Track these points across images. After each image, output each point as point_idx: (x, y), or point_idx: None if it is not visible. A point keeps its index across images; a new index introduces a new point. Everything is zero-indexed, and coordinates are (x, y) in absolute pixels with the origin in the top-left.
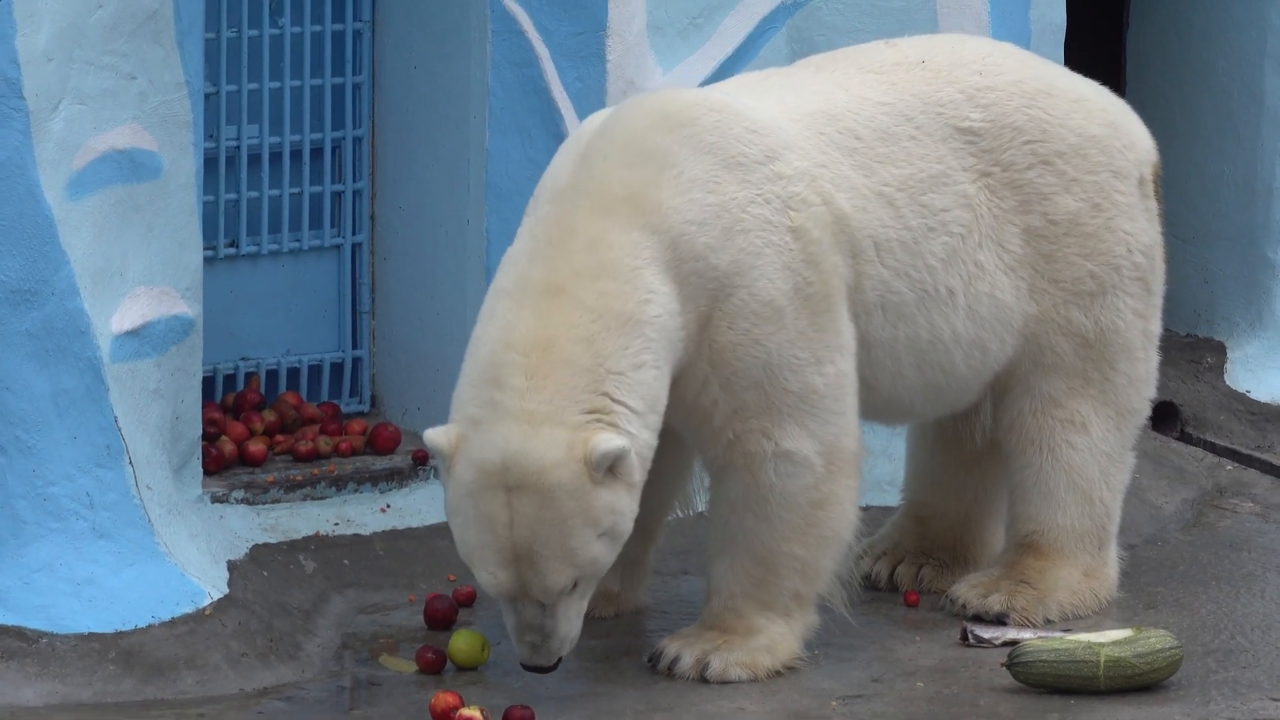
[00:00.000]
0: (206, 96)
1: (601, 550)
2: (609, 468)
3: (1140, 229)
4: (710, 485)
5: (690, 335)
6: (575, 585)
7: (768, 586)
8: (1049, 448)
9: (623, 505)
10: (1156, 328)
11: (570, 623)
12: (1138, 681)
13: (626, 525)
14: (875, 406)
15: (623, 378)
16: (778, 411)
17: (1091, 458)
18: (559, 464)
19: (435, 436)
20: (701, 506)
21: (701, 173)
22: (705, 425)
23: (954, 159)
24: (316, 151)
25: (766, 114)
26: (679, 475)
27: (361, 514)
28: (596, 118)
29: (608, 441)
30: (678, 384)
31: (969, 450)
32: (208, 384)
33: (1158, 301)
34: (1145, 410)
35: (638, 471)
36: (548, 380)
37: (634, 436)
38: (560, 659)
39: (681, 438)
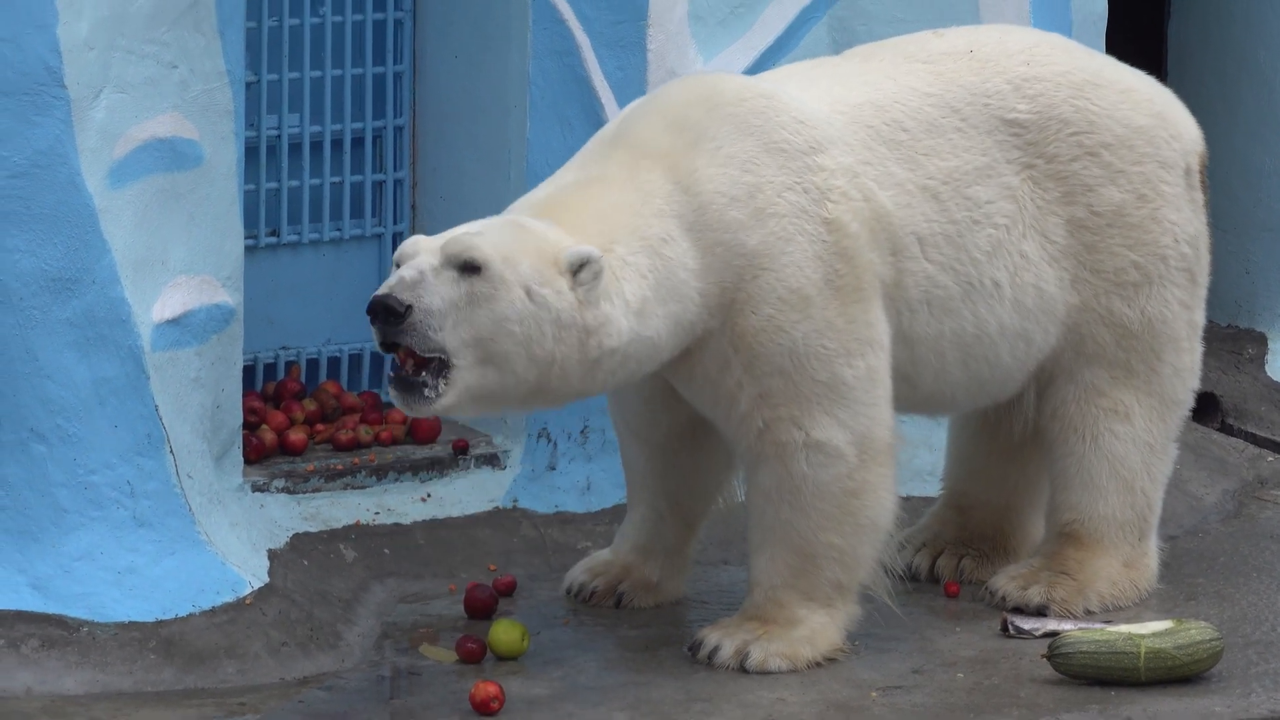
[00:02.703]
0: (248, 85)
1: (509, 310)
2: (576, 272)
3: (1186, 219)
4: (745, 476)
5: (709, 307)
6: (464, 284)
7: (808, 577)
8: (1092, 436)
9: (561, 302)
10: (1201, 319)
11: (435, 296)
12: (1178, 673)
13: (559, 306)
14: (916, 401)
15: (624, 263)
16: (806, 400)
17: (1134, 447)
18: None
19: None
20: (741, 497)
21: (740, 151)
22: (733, 410)
23: (999, 151)
24: (357, 140)
25: (814, 107)
26: (722, 470)
27: (402, 503)
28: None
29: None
30: (699, 359)
31: (1010, 440)
32: (248, 373)
33: (1202, 293)
34: (1189, 401)
35: (601, 299)
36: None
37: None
38: (403, 323)
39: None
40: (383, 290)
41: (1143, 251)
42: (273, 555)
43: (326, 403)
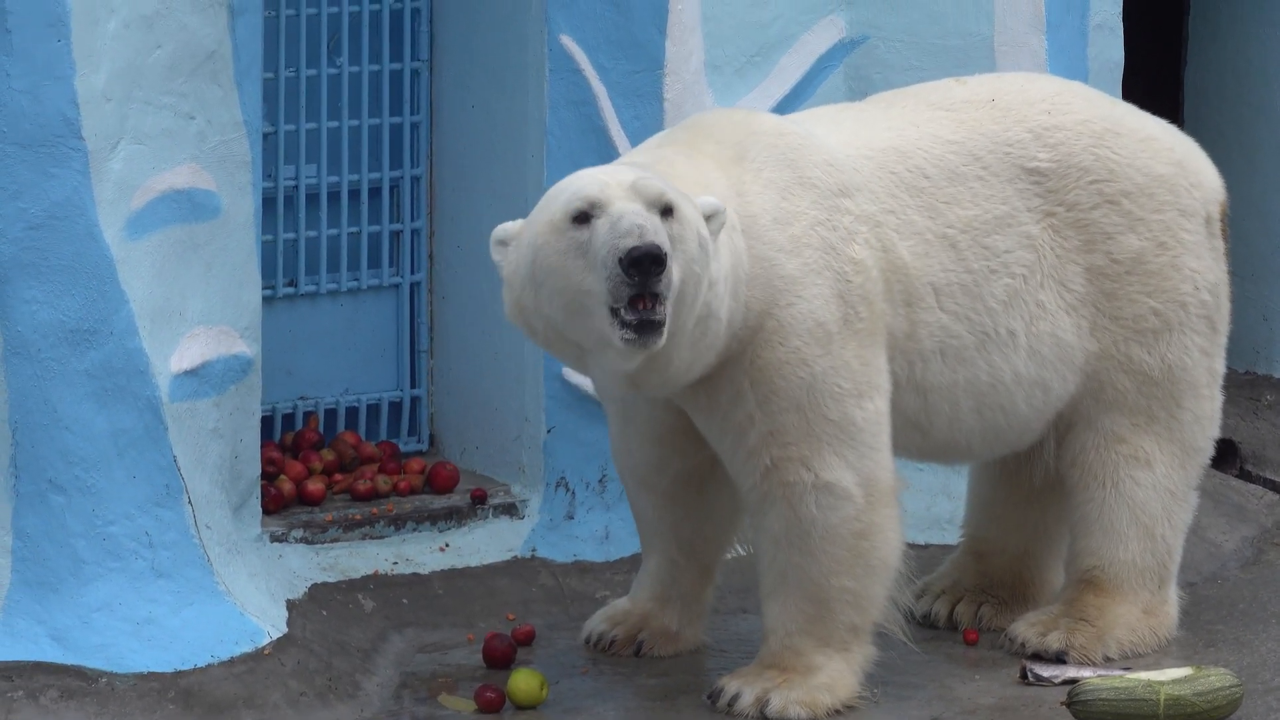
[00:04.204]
0: (265, 136)
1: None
2: (708, 218)
3: (1206, 267)
4: (751, 519)
5: (747, 325)
6: (665, 228)
7: (823, 622)
8: (1112, 482)
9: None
10: (1221, 367)
11: (664, 239)
12: None
13: (709, 252)
14: (929, 450)
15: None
16: (817, 439)
17: (1155, 494)
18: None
19: None
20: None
21: (779, 179)
22: (740, 444)
23: (1019, 200)
24: (375, 190)
25: (842, 151)
26: (731, 514)
27: (420, 553)
28: None
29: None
30: (714, 388)
31: (1030, 486)
32: (266, 423)
33: (1222, 341)
34: (1209, 449)
35: (722, 247)
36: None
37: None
38: (664, 270)
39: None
40: (635, 241)
41: (1162, 298)
42: (291, 605)
43: (345, 453)
